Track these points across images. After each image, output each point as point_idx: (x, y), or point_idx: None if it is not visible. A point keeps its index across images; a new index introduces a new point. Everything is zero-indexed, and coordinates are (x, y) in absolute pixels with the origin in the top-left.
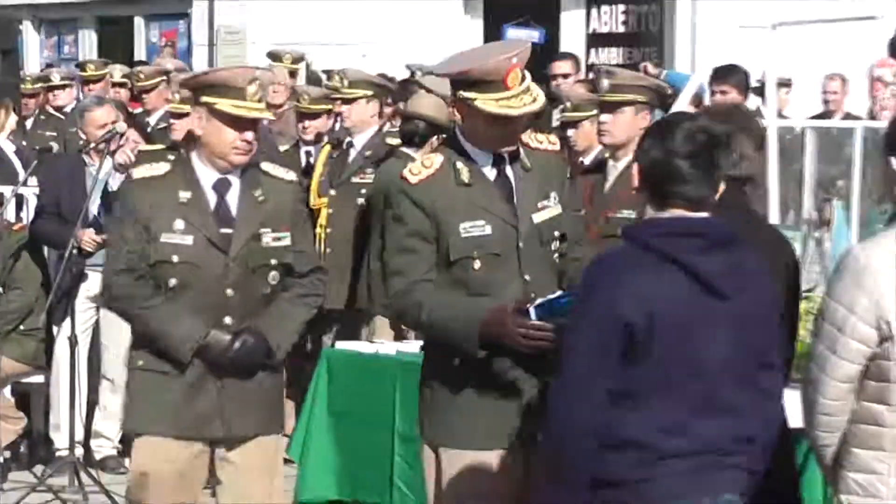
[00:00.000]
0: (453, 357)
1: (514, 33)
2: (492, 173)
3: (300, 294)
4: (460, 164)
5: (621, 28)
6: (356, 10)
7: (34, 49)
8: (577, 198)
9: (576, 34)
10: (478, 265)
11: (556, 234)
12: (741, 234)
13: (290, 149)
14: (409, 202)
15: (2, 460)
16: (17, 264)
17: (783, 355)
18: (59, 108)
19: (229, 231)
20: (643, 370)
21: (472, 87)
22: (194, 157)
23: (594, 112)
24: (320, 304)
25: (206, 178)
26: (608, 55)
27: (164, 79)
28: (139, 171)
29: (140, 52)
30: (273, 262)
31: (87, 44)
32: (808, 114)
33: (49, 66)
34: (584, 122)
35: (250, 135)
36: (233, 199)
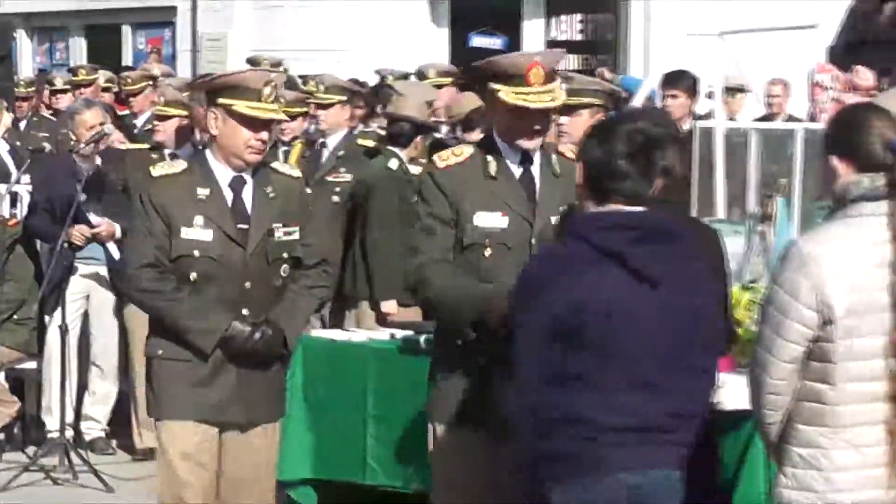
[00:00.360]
0: (457, 340)
1: (479, 41)
2: (518, 171)
3: (308, 286)
4: (490, 157)
5: (579, 36)
6: (330, 20)
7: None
8: None
9: (536, 42)
10: (488, 253)
11: None
12: (675, 226)
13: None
14: (433, 185)
15: None
16: (11, 258)
17: (715, 338)
18: (60, 111)
19: (246, 227)
20: (582, 355)
21: (497, 80)
22: (209, 156)
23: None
24: (325, 295)
25: (223, 176)
26: (566, 61)
27: (150, 83)
28: (158, 170)
29: (127, 58)
30: (285, 255)
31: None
32: (752, 116)
33: (41, 71)
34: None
35: (265, 135)
36: (247, 196)
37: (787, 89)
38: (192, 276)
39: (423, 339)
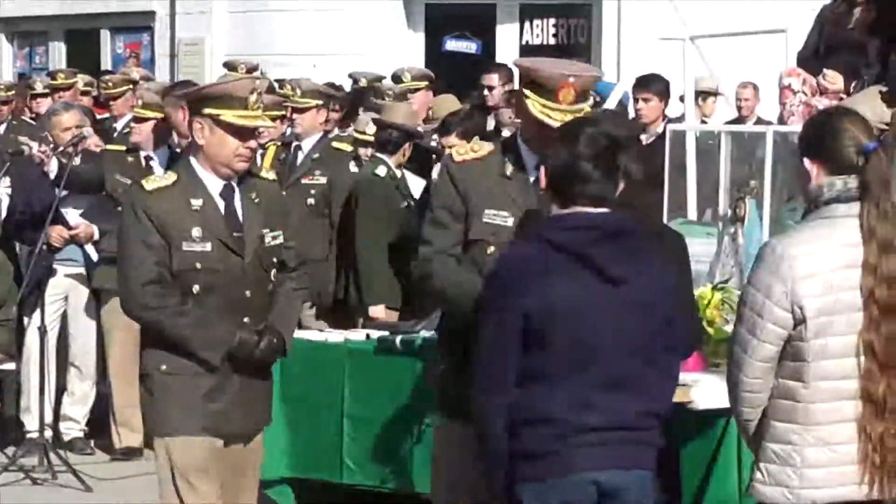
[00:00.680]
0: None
1: (453, 45)
2: (534, 174)
3: (294, 288)
4: (509, 158)
5: (552, 40)
6: (307, 24)
7: (7, 59)
8: None
9: (510, 46)
10: (492, 250)
11: None
12: (638, 227)
13: None
14: (447, 178)
15: None
16: None
17: (680, 336)
18: (41, 115)
19: (240, 235)
20: (548, 354)
21: (530, 87)
22: (196, 166)
23: None
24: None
25: (212, 185)
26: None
27: (130, 87)
28: (151, 183)
29: (106, 63)
30: (275, 259)
31: (57, 55)
32: (723, 119)
33: (21, 75)
34: None
35: (253, 142)
36: (237, 204)
37: (757, 92)
38: (195, 288)
39: (398, 339)
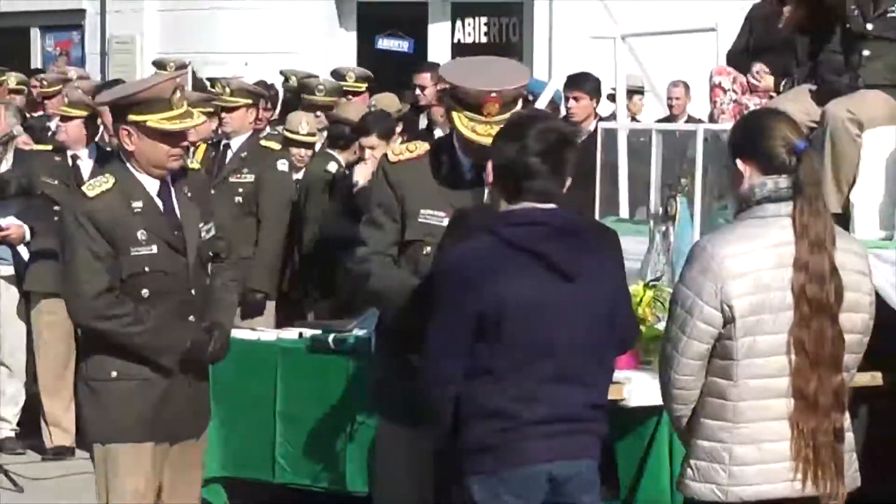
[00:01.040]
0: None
1: (385, 43)
2: (469, 175)
3: (231, 279)
4: (444, 158)
5: (484, 39)
6: (238, 23)
7: None
8: None
9: (442, 44)
10: (428, 250)
11: None
12: (583, 223)
13: None
14: (383, 178)
15: None
16: None
17: (622, 332)
18: None
19: (179, 233)
20: (498, 349)
21: (455, 100)
22: (131, 168)
23: None
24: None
25: (149, 185)
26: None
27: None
28: (92, 189)
29: (36, 61)
30: (210, 253)
31: None
32: (654, 117)
33: None
34: None
35: (184, 142)
36: (174, 202)
37: (688, 91)
38: (144, 292)
39: (331, 338)
